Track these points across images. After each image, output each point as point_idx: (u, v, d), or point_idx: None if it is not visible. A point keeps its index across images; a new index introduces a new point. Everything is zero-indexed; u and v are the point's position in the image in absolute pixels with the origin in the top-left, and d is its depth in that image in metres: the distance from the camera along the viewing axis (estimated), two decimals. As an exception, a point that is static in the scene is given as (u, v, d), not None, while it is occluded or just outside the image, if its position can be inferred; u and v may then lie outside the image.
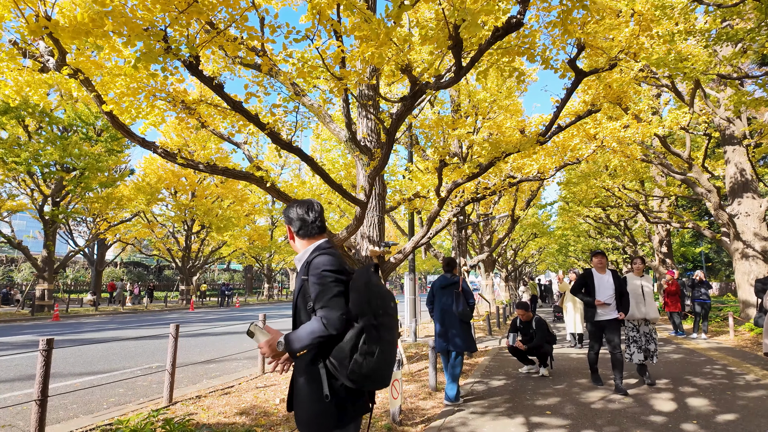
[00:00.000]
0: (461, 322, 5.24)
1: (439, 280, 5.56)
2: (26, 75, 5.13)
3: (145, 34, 3.40)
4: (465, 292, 5.33)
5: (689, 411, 4.79)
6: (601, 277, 5.90)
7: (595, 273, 5.95)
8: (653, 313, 6.14)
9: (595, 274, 5.93)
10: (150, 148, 5.15)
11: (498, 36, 3.95)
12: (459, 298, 5.26)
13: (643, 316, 6.11)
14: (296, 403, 1.94)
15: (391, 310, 1.94)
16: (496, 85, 12.29)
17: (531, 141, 5.94)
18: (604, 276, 5.91)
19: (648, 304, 6.12)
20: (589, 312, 5.90)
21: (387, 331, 1.87)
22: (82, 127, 19.58)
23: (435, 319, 5.45)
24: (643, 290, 6.13)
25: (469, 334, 5.34)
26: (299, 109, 6.75)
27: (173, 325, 5.50)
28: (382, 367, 1.83)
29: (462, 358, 5.32)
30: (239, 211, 29.04)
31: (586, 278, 5.97)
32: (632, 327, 6.21)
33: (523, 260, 37.34)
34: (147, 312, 22.88)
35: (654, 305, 6.17)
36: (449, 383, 5.20)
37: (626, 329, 6.25)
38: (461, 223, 14.54)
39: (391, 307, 1.95)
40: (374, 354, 1.79)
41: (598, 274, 5.93)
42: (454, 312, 5.24)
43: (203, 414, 4.79)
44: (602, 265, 5.97)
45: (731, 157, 12.59)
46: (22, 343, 10.59)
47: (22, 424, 4.59)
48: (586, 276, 6.00)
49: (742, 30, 7.15)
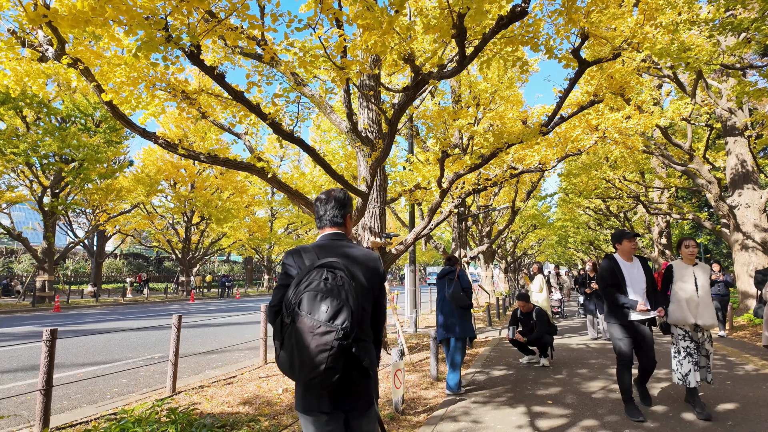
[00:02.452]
0: (459, 309, 5.30)
1: (439, 271, 5.68)
2: (25, 65, 5.08)
3: (146, 22, 3.37)
4: (460, 278, 5.39)
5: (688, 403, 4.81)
6: (629, 266, 4.47)
7: (620, 261, 4.48)
8: (708, 316, 4.39)
9: (621, 263, 4.47)
10: (150, 139, 5.13)
11: (502, 25, 3.91)
12: (452, 284, 5.34)
13: (697, 319, 4.40)
14: None
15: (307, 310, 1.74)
16: (497, 75, 12.22)
17: (534, 131, 5.92)
18: (633, 265, 4.49)
19: (703, 304, 4.40)
20: (616, 313, 4.38)
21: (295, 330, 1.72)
22: (80, 118, 19.47)
23: (436, 308, 5.55)
24: (697, 284, 4.45)
25: (468, 321, 5.38)
26: (300, 99, 6.71)
27: (176, 316, 5.52)
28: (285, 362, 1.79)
29: (462, 345, 5.34)
30: (239, 202, 29.02)
31: (614, 269, 4.43)
32: (682, 335, 4.48)
33: (523, 251, 37.41)
34: (147, 303, 22.95)
35: (711, 306, 4.48)
36: (450, 372, 5.23)
37: (675, 338, 4.57)
38: (462, 214, 14.54)
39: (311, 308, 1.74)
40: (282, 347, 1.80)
41: (625, 262, 4.49)
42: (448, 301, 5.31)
43: (207, 403, 4.82)
44: (634, 251, 4.52)
45: (732, 148, 12.56)
46: (24, 333, 10.62)
47: (27, 413, 4.62)
48: (613, 266, 4.46)
49: (747, 20, 7.09)
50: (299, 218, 35.24)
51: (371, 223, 7.25)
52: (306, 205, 5.91)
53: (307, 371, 1.69)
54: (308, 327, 1.68)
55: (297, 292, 1.76)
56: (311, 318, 1.69)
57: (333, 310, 1.71)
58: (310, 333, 1.67)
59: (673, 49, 8.38)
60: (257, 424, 4.13)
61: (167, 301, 24.58)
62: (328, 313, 1.70)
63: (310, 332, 1.67)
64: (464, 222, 15.30)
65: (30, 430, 4.01)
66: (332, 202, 2.17)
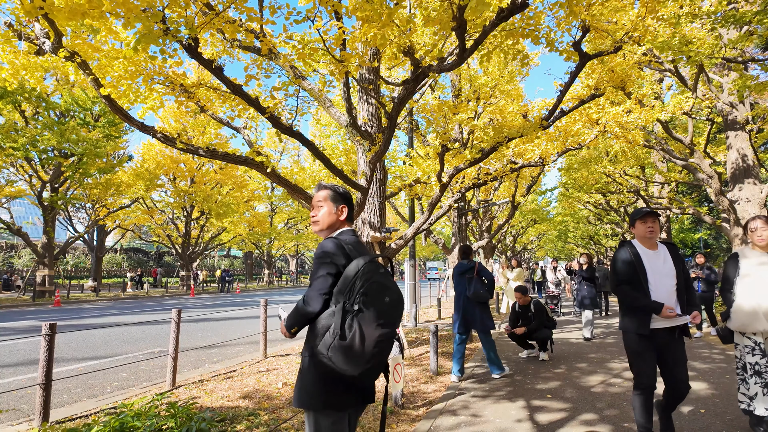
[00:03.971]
0: (478, 304, 5.65)
1: (457, 267, 5.90)
2: (22, 58, 5.04)
3: (143, 15, 3.33)
4: (481, 273, 5.75)
5: (689, 395, 4.81)
6: (652, 256, 3.28)
7: (640, 249, 3.30)
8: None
9: (641, 252, 3.28)
10: (149, 133, 5.10)
11: (503, 17, 3.88)
12: (471, 283, 5.65)
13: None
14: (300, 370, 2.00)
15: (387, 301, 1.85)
16: (497, 69, 12.16)
17: (534, 125, 5.89)
18: (657, 254, 3.30)
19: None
20: (632, 319, 3.25)
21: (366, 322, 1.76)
22: (79, 112, 19.42)
23: (455, 303, 5.86)
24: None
25: (488, 312, 5.76)
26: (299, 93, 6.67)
27: (175, 310, 5.52)
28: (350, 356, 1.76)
29: (489, 337, 5.68)
30: (239, 197, 29.01)
31: (630, 259, 3.28)
32: (751, 347, 3.46)
33: (523, 246, 37.44)
34: (148, 297, 22.98)
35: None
36: (491, 366, 5.65)
37: (740, 351, 3.55)
38: (461, 209, 14.52)
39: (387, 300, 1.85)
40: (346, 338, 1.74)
41: (646, 250, 3.30)
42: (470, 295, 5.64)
43: (206, 397, 4.83)
44: (653, 235, 3.29)
45: (733, 142, 12.52)
46: (24, 328, 10.64)
47: (27, 407, 4.62)
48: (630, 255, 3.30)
49: (749, 12, 7.04)
50: (299, 213, 35.23)
51: (371, 217, 7.24)
52: (306, 199, 5.89)
53: (365, 360, 1.75)
54: (373, 317, 1.76)
55: (363, 283, 1.80)
56: (375, 309, 1.77)
57: (394, 301, 1.84)
58: (374, 323, 1.75)
59: (675, 42, 8.32)
60: (257, 418, 4.14)
61: (167, 296, 24.62)
62: (389, 304, 1.82)
63: (374, 322, 1.75)
64: (464, 217, 15.28)
65: (30, 423, 4.02)
66: None
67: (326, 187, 2.22)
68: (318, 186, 2.24)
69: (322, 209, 2.15)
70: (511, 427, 3.90)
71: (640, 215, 3.37)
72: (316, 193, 2.21)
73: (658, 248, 3.36)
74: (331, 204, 2.16)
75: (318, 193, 2.20)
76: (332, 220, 2.15)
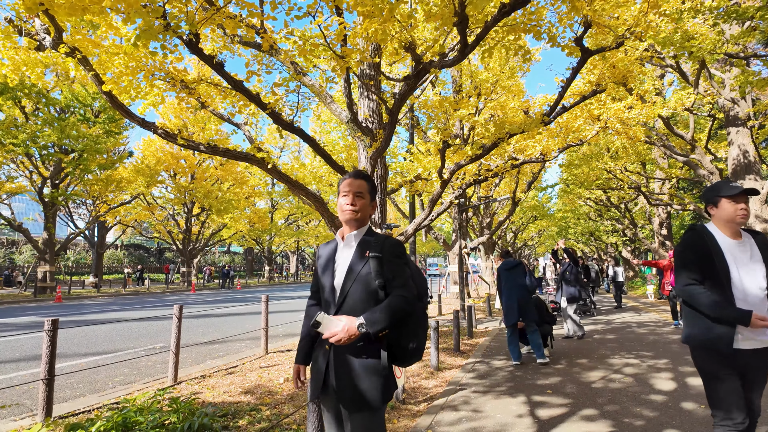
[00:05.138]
0: (530, 295, 6.37)
1: (504, 264, 6.56)
2: (22, 54, 5.04)
3: (143, 10, 3.32)
4: (527, 269, 6.53)
5: (689, 390, 4.84)
6: (737, 246, 2.42)
7: (719, 236, 2.46)
8: None
9: (721, 240, 2.43)
10: (150, 129, 5.09)
11: (505, 12, 3.86)
12: (527, 275, 6.39)
13: None
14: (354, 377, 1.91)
15: None
16: (498, 65, 12.12)
17: (535, 121, 5.87)
18: (742, 244, 2.43)
19: None
20: (708, 333, 2.39)
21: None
22: (79, 108, 19.37)
23: (504, 296, 6.38)
24: None
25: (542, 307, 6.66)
26: (300, 89, 6.66)
27: (177, 306, 5.53)
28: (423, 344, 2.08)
29: (536, 326, 6.31)
30: (239, 193, 28.99)
31: (703, 250, 2.43)
32: None
33: (523, 242, 37.45)
34: (148, 294, 23.03)
35: None
36: (537, 352, 6.22)
37: None
38: (462, 205, 14.52)
39: None
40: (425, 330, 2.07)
41: (728, 239, 2.44)
42: (524, 288, 6.29)
43: (208, 393, 4.85)
44: (745, 219, 2.42)
45: (734, 138, 12.49)
46: (26, 324, 10.67)
47: (29, 402, 4.64)
48: (702, 244, 2.45)
49: (752, 8, 7.00)
50: (299, 209, 35.22)
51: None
52: (306, 195, 5.89)
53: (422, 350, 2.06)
54: (424, 309, 2.11)
55: (421, 279, 2.14)
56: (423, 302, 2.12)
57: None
58: (425, 314, 2.11)
59: (677, 38, 8.30)
60: (258, 413, 4.16)
61: (168, 292, 24.67)
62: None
63: (425, 313, 2.11)
64: (465, 213, 15.28)
65: (33, 419, 4.04)
66: None
67: (366, 178, 2.10)
68: (357, 173, 2.09)
69: (363, 200, 2.04)
70: (511, 422, 3.91)
71: (731, 192, 2.40)
72: (353, 180, 2.06)
73: (744, 237, 2.46)
74: (369, 196, 2.08)
75: (357, 181, 2.06)
76: (367, 213, 2.09)
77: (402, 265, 1.99)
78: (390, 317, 1.85)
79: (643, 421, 3.89)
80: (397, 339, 1.98)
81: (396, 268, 1.96)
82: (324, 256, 2.13)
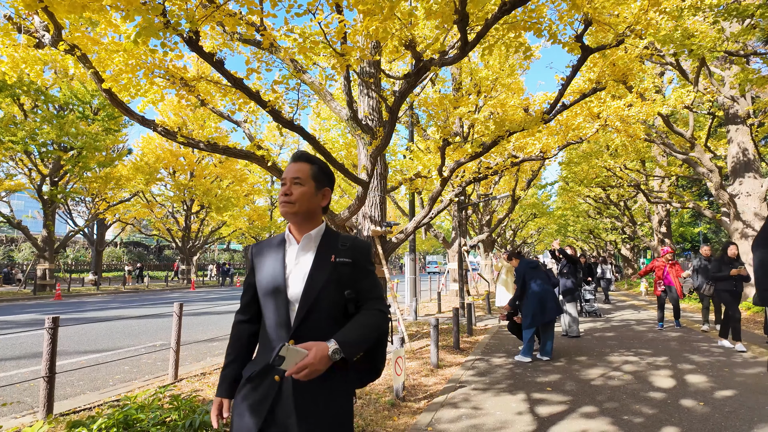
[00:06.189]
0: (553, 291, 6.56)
1: (526, 262, 6.66)
2: (21, 51, 5.02)
3: (143, 8, 3.32)
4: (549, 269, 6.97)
5: (688, 387, 4.86)
6: None
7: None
8: None
9: None
10: (149, 126, 5.09)
11: (505, 10, 3.86)
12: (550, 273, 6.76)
13: None
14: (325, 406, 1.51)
15: None
16: (498, 62, 12.11)
17: (535, 119, 5.87)
18: None
19: None
20: None
21: None
22: (78, 105, 19.34)
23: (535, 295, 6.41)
24: None
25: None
26: (300, 86, 6.65)
27: (177, 304, 5.53)
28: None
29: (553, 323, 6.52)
30: (238, 191, 28.97)
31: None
32: None
33: (523, 240, 37.48)
34: (148, 291, 23.03)
35: None
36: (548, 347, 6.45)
37: None
38: (462, 203, 14.53)
39: None
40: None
41: None
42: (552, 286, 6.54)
43: (209, 390, 4.86)
44: None
45: (734, 136, 12.50)
46: (26, 321, 10.67)
47: (30, 400, 4.65)
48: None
49: (752, 5, 7.00)
50: (299, 207, 35.13)
51: (371, 211, 7.24)
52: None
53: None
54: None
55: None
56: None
57: None
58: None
59: (677, 35, 8.29)
60: (259, 410, 4.16)
61: (168, 289, 24.67)
62: None
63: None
64: (464, 211, 15.29)
65: (34, 416, 4.05)
66: None
67: (308, 159, 1.62)
68: (296, 156, 1.63)
69: (302, 188, 1.57)
70: (511, 419, 3.93)
71: None
72: (291, 164, 1.62)
73: None
74: (312, 183, 1.59)
75: (295, 165, 1.60)
76: (313, 205, 1.60)
77: (375, 273, 1.66)
78: (367, 338, 1.50)
79: (642, 419, 3.91)
80: (372, 361, 1.66)
81: (372, 278, 1.63)
82: (266, 260, 1.63)
